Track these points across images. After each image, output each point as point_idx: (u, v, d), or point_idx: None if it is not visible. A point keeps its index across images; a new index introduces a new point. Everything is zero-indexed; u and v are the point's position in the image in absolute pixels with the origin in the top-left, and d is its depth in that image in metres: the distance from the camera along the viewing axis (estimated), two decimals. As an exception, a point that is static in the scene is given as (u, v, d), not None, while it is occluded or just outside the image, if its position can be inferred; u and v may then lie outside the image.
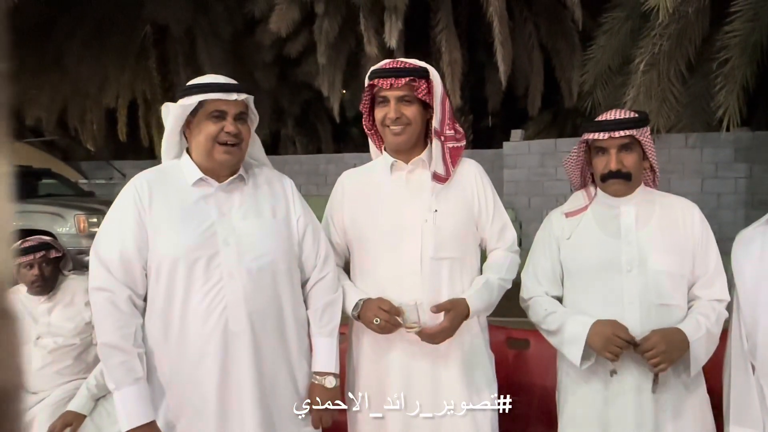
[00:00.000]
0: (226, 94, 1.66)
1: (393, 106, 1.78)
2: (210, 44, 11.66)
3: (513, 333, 2.45)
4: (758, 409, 1.66)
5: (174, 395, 1.63)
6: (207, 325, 1.61)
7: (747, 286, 1.70)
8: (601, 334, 1.66)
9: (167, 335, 1.62)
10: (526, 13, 9.80)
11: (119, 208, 1.67)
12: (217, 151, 1.66)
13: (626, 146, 1.74)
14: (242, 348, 1.64)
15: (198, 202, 1.68)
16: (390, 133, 1.82)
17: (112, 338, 1.57)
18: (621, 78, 7.10)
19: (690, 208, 1.82)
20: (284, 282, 1.73)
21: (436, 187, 1.82)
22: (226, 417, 1.64)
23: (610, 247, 1.77)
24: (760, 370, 1.67)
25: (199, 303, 1.61)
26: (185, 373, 1.63)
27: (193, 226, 1.64)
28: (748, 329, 1.68)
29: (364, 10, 9.00)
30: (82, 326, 2.56)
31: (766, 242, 1.69)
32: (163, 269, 1.62)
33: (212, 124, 1.66)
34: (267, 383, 1.68)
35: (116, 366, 1.56)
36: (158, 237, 1.63)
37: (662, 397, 1.71)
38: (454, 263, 1.81)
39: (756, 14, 5.80)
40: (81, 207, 7.34)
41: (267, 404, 1.68)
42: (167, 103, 1.75)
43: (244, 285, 1.64)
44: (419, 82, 1.78)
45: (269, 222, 1.75)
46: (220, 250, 1.64)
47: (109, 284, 1.59)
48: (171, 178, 1.71)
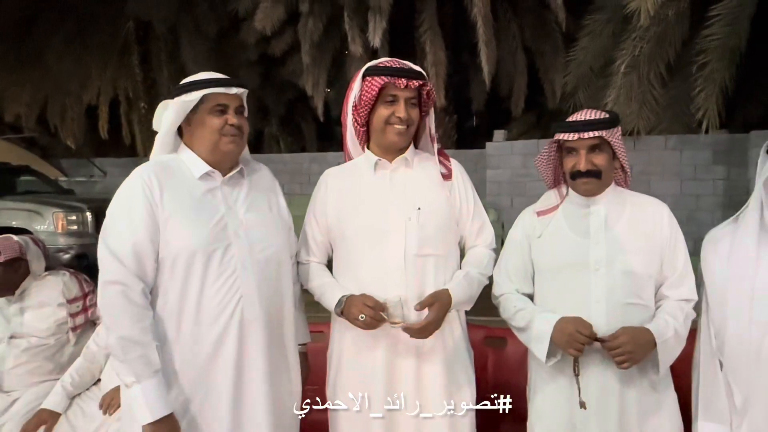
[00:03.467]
0: (226, 89, 1.73)
1: (402, 106, 1.81)
2: (194, 42, 11.57)
3: (491, 331, 2.47)
4: (725, 404, 1.69)
5: (183, 387, 1.65)
6: (224, 314, 1.66)
7: (716, 284, 1.73)
8: (564, 331, 1.69)
9: (181, 327, 1.65)
10: (510, 14, 9.85)
11: (127, 200, 1.66)
12: (223, 142, 1.72)
13: (596, 147, 1.75)
14: (257, 335, 1.70)
15: (206, 195, 1.72)
16: (393, 132, 1.84)
17: (131, 332, 1.56)
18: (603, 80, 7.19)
19: (660, 209, 1.83)
20: (285, 271, 1.82)
21: (427, 185, 1.87)
22: (241, 403, 1.69)
23: (579, 246, 1.79)
24: (727, 367, 1.70)
25: (216, 294, 1.66)
26: (199, 363, 1.65)
27: (206, 219, 1.68)
28: (717, 327, 1.71)
29: (349, 9, 8.99)
30: (56, 327, 2.53)
31: (735, 241, 1.72)
32: (180, 261, 1.63)
33: (216, 117, 1.71)
34: (275, 368, 1.76)
35: (136, 359, 1.56)
36: (171, 229, 1.64)
37: (628, 396, 1.73)
38: (438, 260, 1.84)
39: (734, 18, 5.91)
40: (60, 205, 7.23)
41: (276, 387, 1.75)
42: (164, 101, 1.78)
43: (257, 275, 1.71)
44: (424, 87, 1.84)
45: (269, 214, 1.83)
46: (232, 242, 1.69)
47: (122, 277, 1.58)
48: (175, 171, 1.73)
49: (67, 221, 6.97)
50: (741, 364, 1.67)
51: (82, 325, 2.60)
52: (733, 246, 1.71)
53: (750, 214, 1.71)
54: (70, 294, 2.58)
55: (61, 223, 6.96)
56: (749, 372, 1.65)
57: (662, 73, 6.65)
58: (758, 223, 1.68)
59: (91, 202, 7.21)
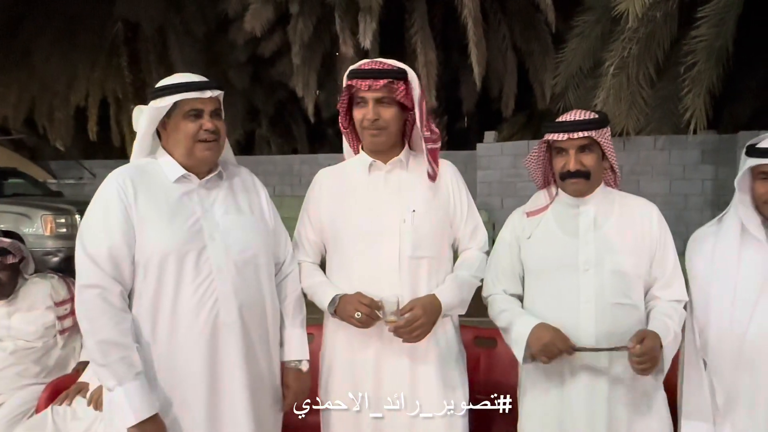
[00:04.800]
0: (200, 93, 1.69)
1: (371, 108, 1.79)
2: (183, 43, 11.53)
3: (481, 332, 2.47)
4: (709, 403, 1.71)
5: (162, 389, 1.63)
6: (199, 317, 1.64)
7: (699, 284, 1.75)
8: (541, 339, 1.69)
9: (156, 330, 1.63)
10: (500, 15, 9.89)
11: (103, 204, 1.65)
12: (198, 149, 1.70)
13: (585, 147, 1.76)
14: (233, 339, 1.68)
15: (182, 198, 1.70)
16: (368, 134, 1.83)
17: (110, 335, 1.55)
18: (592, 80, 7.22)
19: (649, 209, 1.84)
20: (265, 275, 1.79)
21: (421, 187, 1.85)
22: (218, 407, 1.67)
23: (568, 246, 1.80)
24: (710, 366, 1.72)
25: (191, 296, 1.64)
26: (176, 366, 1.64)
27: (180, 222, 1.66)
28: (700, 326, 1.73)
29: (339, 10, 8.99)
30: (43, 330, 2.51)
31: (718, 241, 1.74)
32: (152, 264, 1.62)
33: (190, 123, 1.68)
34: (254, 372, 1.73)
35: (117, 362, 1.55)
36: (146, 233, 1.63)
37: (617, 397, 1.73)
38: (431, 262, 1.85)
39: (721, 20, 5.94)
40: (48, 207, 7.19)
41: (255, 392, 1.72)
42: (139, 106, 1.76)
43: (233, 278, 1.69)
44: (397, 84, 1.79)
45: (248, 217, 1.80)
46: (207, 244, 1.67)
47: (100, 280, 1.57)
48: (151, 175, 1.72)
49: (56, 224, 6.92)
50: (723, 363, 1.69)
51: (69, 328, 2.59)
52: (716, 246, 1.73)
53: (732, 215, 1.74)
54: (58, 297, 2.58)
55: (50, 226, 6.91)
56: (731, 371, 1.67)
57: (651, 73, 6.69)
58: (740, 224, 1.70)
59: (80, 204, 7.15)
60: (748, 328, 1.65)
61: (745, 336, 1.65)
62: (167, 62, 11.44)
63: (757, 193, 1.68)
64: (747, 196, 1.71)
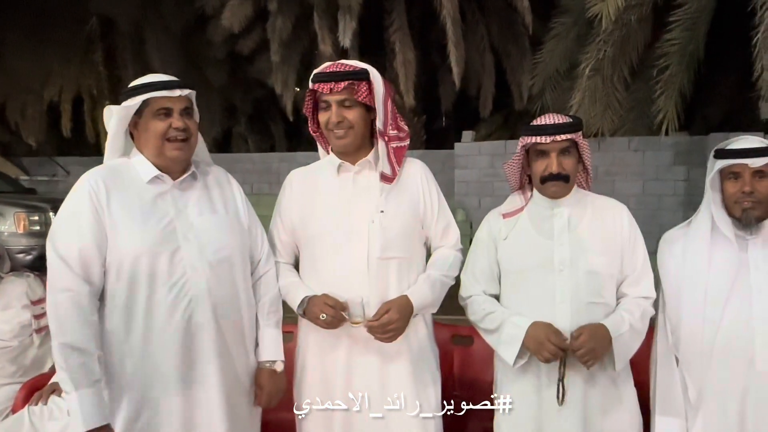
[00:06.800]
0: (169, 92, 1.69)
1: (334, 111, 1.81)
2: (159, 39, 11.36)
3: (458, 330, 2.51)
4: (681, 399, 1.77)
5: (136, 389, 1.64)
6: (173, 317, 1.65)
7: (671, 284, 1.80)
8: (537, 338, 1.73)
9: (130, 331, 1.64)
10: (478, 15, 9.94)
11: (74, 206, 1.66)
12: (168, 148, 1.70)
13: (566, 149, 1.81)
14: (207, 339, 1.70)
15: (155, 200, 1.70)
16: (333, 136, 1.85)
17: (74, 339, 1.56)
18: (568, 82, 7.30)
19: (619, 210, 1.90)
20: (240, 275, 1.80)
21: (384, 188, 1.85)
22: (193, 407, 1.68)
23: (544, 247, 1.84)
24: (682, 363, 1.78)
25: (165, 297, 1.65)
26: (150, 365, 1.64)
27: (153, 223, 1.67)
28: (673, 324, 1.78)
29: (318, 9, 8.96)
30: (19, 329, 2.48)
31: (688, 243, 1.80)
32: (125, 265, 1.63)
33: (160, 121, 1.69)
34: (229, 372, 1.74)
35: (76, 367, 1.55)
36: (118, 234, 1.64)
37: (592, 392, 1.78)
38: (401, 263, 1.86)
39: (694, 24, 6.06)
40: (21, 204, 7.04)
41: (230, 392, 1.74)
42: (109, 106, 1.76)
43: (207, 278, 1.70)
44: (359, 85, 1.80)
45: (223, 217, 1.81)
46: (181, 245, 1.68)
47: (71, 283, 1.58)
48: (124, 176, 1.72)
49: (29, 221, 6.79)
50: (695, 360, 1.75)
51: (45, 327, 2.54)
52: (686, 247, 1.79)
53: (702, 217, 1.80)
54: (35, 295, 2.54)
55: (23, 224, 6.77)
56: (702, 367, 1.72)
57: (626, 76, 6.78)
58: (710, 224, 1.76)
59: (54, 202, 7.03)
60: (720, 324, 1.70)
61: (717, 332, 1.70)
62: (143, 59, 11.28)
63: (727, 194, 1.74)
64: (718, 196, 1.77)
